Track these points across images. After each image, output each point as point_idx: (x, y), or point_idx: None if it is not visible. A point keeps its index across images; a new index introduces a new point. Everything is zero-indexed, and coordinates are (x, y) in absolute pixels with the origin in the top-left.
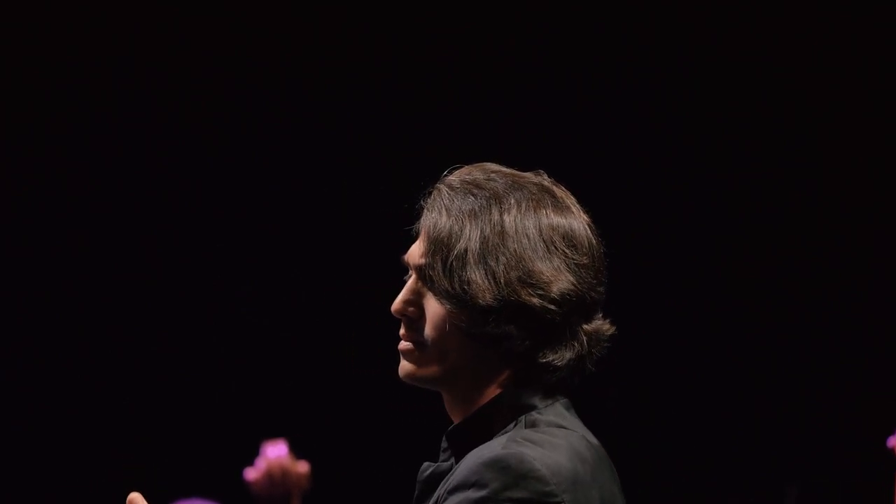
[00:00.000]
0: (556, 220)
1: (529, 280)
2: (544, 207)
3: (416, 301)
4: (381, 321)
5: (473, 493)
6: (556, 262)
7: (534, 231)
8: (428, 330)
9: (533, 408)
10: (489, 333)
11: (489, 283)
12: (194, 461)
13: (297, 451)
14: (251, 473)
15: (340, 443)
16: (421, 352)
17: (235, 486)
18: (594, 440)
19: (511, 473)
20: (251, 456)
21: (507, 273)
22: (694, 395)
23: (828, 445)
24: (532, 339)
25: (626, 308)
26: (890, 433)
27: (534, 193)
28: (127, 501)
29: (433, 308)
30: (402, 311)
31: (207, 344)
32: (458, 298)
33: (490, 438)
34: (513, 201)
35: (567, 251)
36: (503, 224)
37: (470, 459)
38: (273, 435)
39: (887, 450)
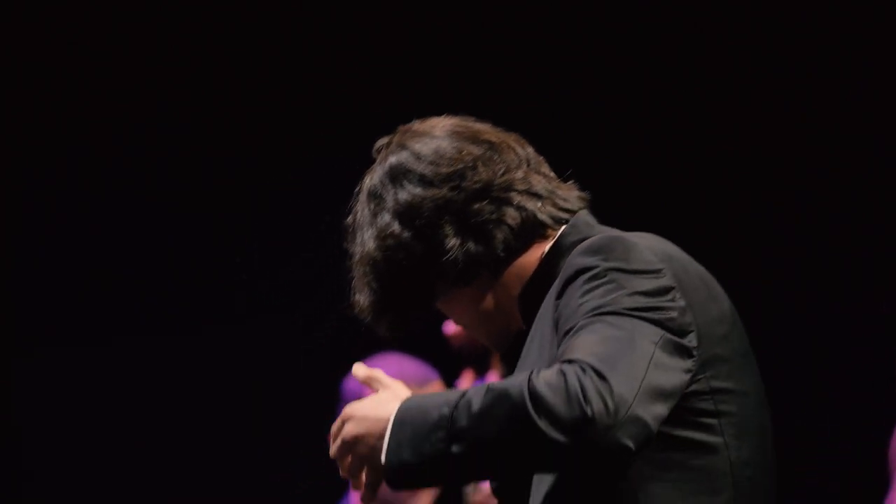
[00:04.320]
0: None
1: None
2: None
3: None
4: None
5: (584, 276)
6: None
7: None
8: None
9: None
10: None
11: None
12: None
13: None
14: (451, 327)
15: None
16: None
17: (435, 341)
18: None
19: (614, 249)
20: None
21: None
22: (830, 294)
23: None
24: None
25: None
26: None
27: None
28: (353, 373)
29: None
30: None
31: None
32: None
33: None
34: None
35: (457, 166)
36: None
37: (567, 266)
38: None
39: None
